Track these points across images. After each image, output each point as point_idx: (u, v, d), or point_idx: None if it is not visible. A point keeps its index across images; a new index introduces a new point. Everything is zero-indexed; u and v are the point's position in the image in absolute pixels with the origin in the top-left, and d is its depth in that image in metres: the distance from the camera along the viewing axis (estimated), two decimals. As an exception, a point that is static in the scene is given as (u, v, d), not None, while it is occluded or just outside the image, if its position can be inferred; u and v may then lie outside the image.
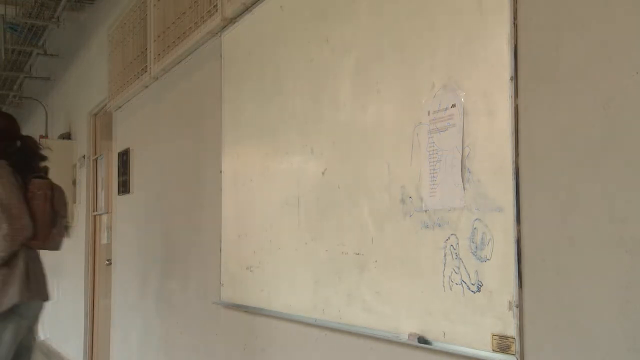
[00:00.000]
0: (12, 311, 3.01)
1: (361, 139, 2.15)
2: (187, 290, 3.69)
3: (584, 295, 1.42)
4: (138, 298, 4.58)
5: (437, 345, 1.79)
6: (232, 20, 3.10)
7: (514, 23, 1.60)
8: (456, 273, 1.73)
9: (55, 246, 3.20)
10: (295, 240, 2.51)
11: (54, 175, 7.08)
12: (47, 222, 3.08)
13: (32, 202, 3.04)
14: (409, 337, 1.86)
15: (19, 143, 3.12)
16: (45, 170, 3.19)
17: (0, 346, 3.01)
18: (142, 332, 4.49)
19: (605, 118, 1.39)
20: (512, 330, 1.56)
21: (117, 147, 5.18)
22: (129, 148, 4.85)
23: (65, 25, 6.62)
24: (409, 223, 1.91)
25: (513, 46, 1.59)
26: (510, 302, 1.57)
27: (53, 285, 7.95)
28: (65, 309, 7.10)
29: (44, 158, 3.21)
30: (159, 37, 4.01)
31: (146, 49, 4.23)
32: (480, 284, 1.66)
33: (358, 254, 2.13)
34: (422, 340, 1.83)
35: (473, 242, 1.68)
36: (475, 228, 1.68)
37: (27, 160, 3.12)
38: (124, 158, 4.91)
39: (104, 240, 5.99)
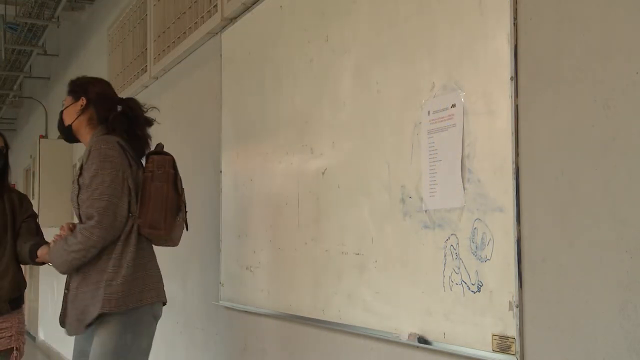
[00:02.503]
0: (147, 312, 2.43)
1: (361, 139, 2.14)
2: (186, 290, 3.69)
3: (584, 295, 1.42)
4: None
5: (437, 345, 1.79)
6: (232, 20, 3.10)
7: (514, 23, 1.60)
8: (456, 273, 1.73)
9: (177, 240, 2.55)
10: (295, 240, 2.50)
11: (54, 175, 7.09)
12: (171, 208, 2.44)
13: (152, 183, 2.42)
14: (409, 337, 1.86)
15: (119, 108, 2.51)
16: (161, 146, 2.54)
17: (139, 356, 2.43)
18: (142, 332, 4.48)
19: (605, 118, 1.39)
20: (512, 331, 1.56)
21: (117, 147, 5.17)
22: (128, 148, 4.84)
23: (65, 25, 6.63)
24: (409, 223, 1.91)
25: (513, 46, 1.59)
26: (510, 302, 1.57)
27: (52, 284, 7.99)
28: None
29: (150, 122, 2.58)
30: (158, 37, 4.01)
31: (146, 48, 4.23)
32: (480, 284, 1.65)
33: (358, 254, 2.13)
34: (422, 340, 1.83)
35: (473, 242, 1.68)
36: (475, 228, 1.68)
37: (132, 127, 2.52)
38: (124, 158, 4.90)
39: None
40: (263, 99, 2.81)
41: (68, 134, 2.55)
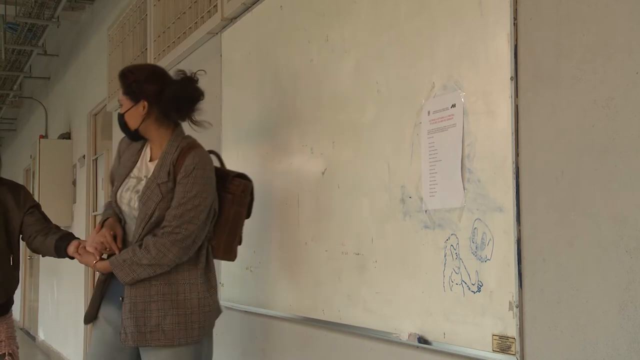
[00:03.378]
0: (209, 343, 2.32)
1: (361, 139, 2.14)
2: (187, 290, 3.68)
3: (584, 295, 1.42)
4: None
5: (437, 345, 1.79)
6: (232, 20, 3.09)
7: (514, 23, 1.60)
8: (456, 273, 1.73)
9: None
10: (295, 240, 2.50)
11: (54, 175, 7.08)
12: (239, 234, 2.39)
13: (232, 207, 2.32)
14: (409, 337, 1.86)
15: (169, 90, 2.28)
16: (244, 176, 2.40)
17: None
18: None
19: (606, 118, 1.39)
20: (512, 331, 1.56)
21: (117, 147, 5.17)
22: (128, 148, 4.84)
23: (65, 25, 6.63)
24: (409, 223, 1.91)
25: (513, 46, 1.59)
26: (510, 302, 1.57)
27: (52, 284, 7.97)
28: (65, 309, 7.10)
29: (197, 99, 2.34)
30: (158, 37, 4.01)
31: (146, 48, 4.22)
32: (480, 284, 1.65)
33: (358, 254, 2.13)
34: (422, 340, 1.83)
35: (473, 242, 1.68)
36: (475, 228, 1.68)
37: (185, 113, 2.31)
38: (124, 158, 4.91)
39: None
40: (263, 99, 2.81)
41: (135, 136, 2.35)
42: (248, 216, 2.40)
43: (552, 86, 1.51)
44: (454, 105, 1.76)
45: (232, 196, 2.32)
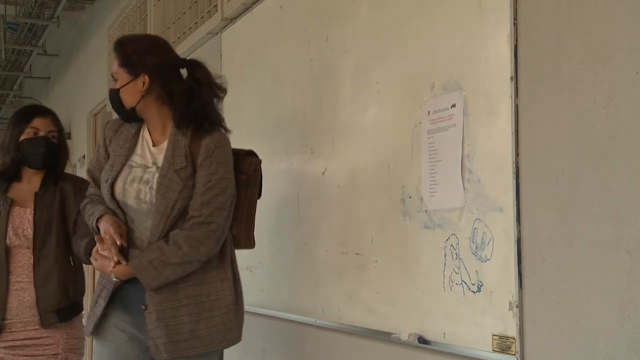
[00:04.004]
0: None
1: (361, 139, 2.14)
2: (187, 290, 3.68)
3: (584, 296, 1.42)
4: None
5: (437, 345, 1.79)
6: (232, 20, 3.09)
7: (514, 23, 1.60)
8: (456, 273, 1.73)
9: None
10: (295, 240, 2.50)
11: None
12: (254, 216, 2.12)
13: (247, 188, 2.06)
14: (408, 337, 1.86)
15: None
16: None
17: None
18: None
19: (605, 118, 1.39)
20: (512, 331, 1.56)
21: (117, 147, 5.17)
22: (128, 148, 4.84)
23: (65, 25, 6.63)
24: (409, 223, 1.91)
25: (513, 46, 1.59)
26: (510, 303, 1.57)
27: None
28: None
29: (217, 94, 2.11)
30: (158, 37, 4.01)
31: (146, 48, 4.22)
32: (480, 284, 1.65)
33: (358, 254, 2.13)
34: (422, 340, 1.83)
35: (473, 242, 1.68)
36: (475, 228, 1.68)
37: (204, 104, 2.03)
38: (124, 158, 4.91)
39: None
40: (263, 99, 2.81)
41: (129, 116, 2.01)
42: (259, 196, 2.14)
43: (552, 86, 1.51)
44: (454, 106, 1.76)
45: (245, 177, 2.06)
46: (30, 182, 2.44)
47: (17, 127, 2.39)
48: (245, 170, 2.07)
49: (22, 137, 2.38)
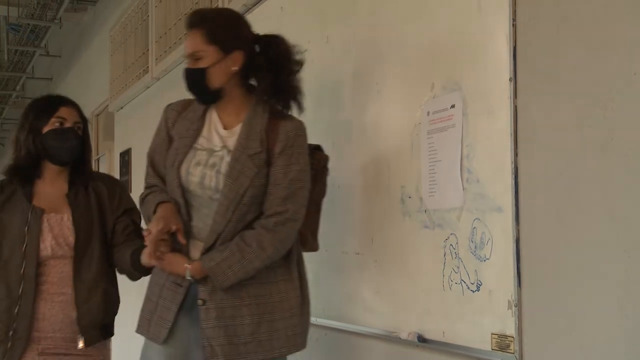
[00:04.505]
0: None
1: (361, 139, 2.15)
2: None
3: (584, 295, 1.43)
4: (137, 298, 4.57)
5: (437, 344, 1.79)
6: (233, 20, 3.10)
7: (513, 24, 1.60)
8: (456, 272, 1.73)
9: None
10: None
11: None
12: (320, 216, 1.96)
13: (316, 185, 1.88)
14: (408, 336, 1.86)
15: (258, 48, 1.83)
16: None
17: None
18: (143, 332, 4.49)
19: (604, 118, 1.39)
20: (511, 330, 1.57)
21: (119, 147, 5.18)
22: (130, 148, 4.85)
23: (67, 26, 6.64)
24: (408, 223, 1.91)
25: (512, 46, 1.60)
26: (509, 302, 1.58)
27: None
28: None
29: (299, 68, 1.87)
30: (160, 38, 4.02)
31: (147, 49, 4.23)
32: (479, 283, 1.66)
33: (358, 254, 2.13)
34: (422, 339, 1.83)
35: (472, 242, 1.68)
36: (474, 228, 1.68)
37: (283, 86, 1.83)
38: (125, 158, 4.92)
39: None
40: (264, 100, 2.81)
41: (212, 98, 1.82)
42: (324, 194, 1.98)
43: (551, 87, 1.51)
44: (453, 106, 1.76)
45: (314, 172, 1.86)
46: (54, 183, 2.09)
47: (39, 117, 2.03)
48: (315, 165, 1.88)
49: (47, 129, 2.02)
